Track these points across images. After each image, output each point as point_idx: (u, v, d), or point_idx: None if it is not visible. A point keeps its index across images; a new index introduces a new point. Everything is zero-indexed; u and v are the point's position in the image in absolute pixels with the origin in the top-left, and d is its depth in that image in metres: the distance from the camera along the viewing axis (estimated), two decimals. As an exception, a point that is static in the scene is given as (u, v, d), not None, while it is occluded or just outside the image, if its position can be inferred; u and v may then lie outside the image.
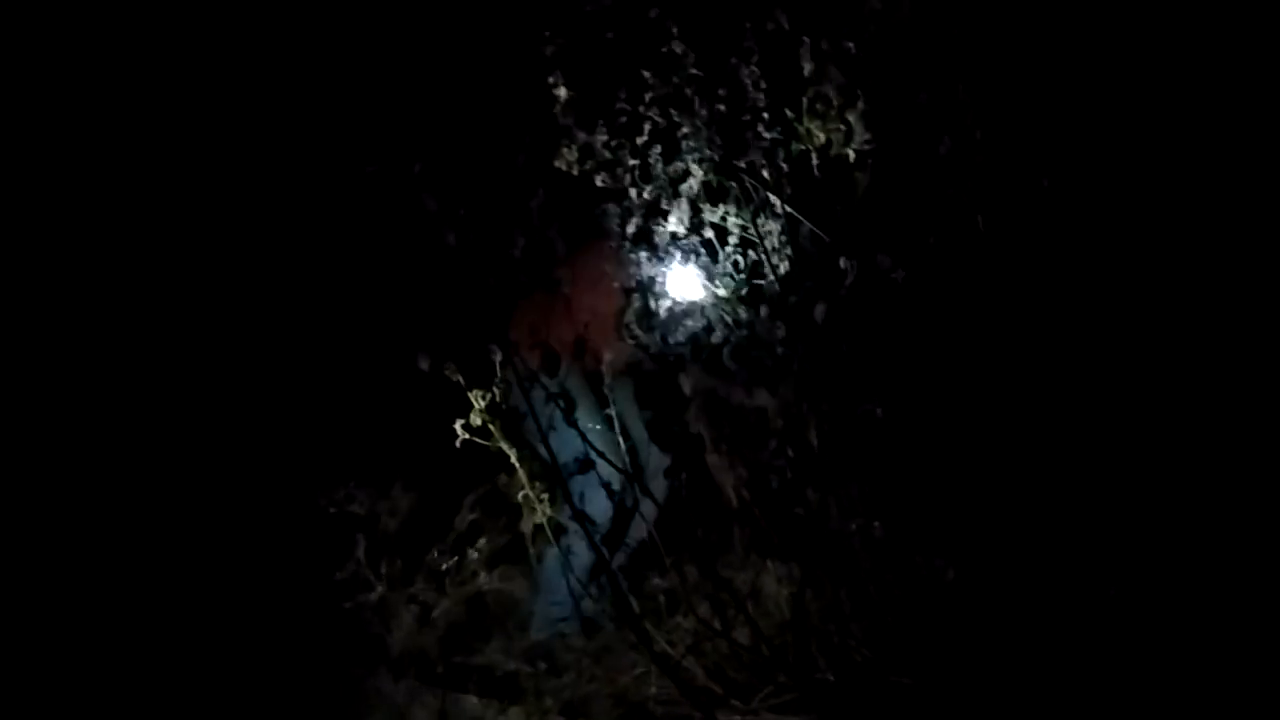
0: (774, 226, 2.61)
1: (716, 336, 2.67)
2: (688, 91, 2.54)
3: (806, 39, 2.52)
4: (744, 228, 2.62)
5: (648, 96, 2.56)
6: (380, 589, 3.09)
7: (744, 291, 2.64)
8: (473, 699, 2.96)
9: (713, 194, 2.62)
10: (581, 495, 2.95)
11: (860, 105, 2.52)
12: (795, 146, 2.59)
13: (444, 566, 3.15)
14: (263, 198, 3.60)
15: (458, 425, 2.61)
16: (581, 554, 3.04)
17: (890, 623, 2.52)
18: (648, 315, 2.70)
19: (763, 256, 2.61)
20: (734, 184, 2.61)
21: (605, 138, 2.60)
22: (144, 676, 3.12)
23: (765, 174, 2.59)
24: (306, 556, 3.17)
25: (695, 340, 2.70)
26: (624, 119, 2.59)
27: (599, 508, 3.01)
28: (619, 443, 3.00)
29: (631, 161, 2.61)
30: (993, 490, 2.50)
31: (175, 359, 3.73)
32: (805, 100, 2.57)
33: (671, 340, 2.70)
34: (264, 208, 3.62)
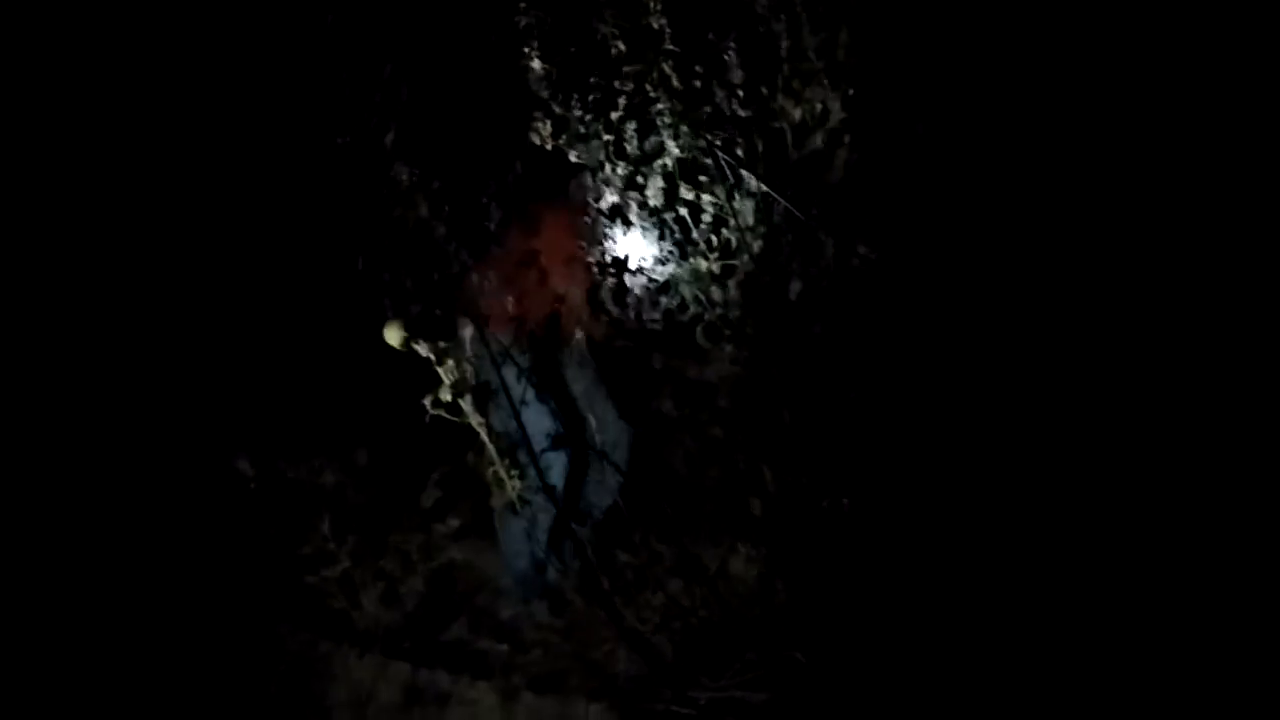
0: (749, 204, 2.60)
1: (688, 314, 2.66)
2: (664, 67, 2.51)
3: (784, 15, 2.51)
4: (718, 205, 2.61)
5: (624, 70, 2.53)
6: (345, 563, 3.06)
7: (717, 269, 2.63)
8: (441, 674, 2.95)
9: (687, 171, 2.60)
10: (547, 468, 2.96)
11: (841, 85, 2.51)
12: (771, 124, 2.57)
13: (412, 542, 3.12)
14: (233, 172, 3.53)
15: (426, 401, 2.58)
16: (544, 524, 3.05)
17: (859, 600, 2.53)
18: (620, 292, 2.69)
19: (736, 235, 2.60)
20: (709, 161, 2.59)
21: (580, 112, 2.57)
22: (105, 652, 3.08)
23: (740, 151, 2.57)
24: (271, 531, 3.14)
25: (667, 317, 2.69)
26: (599, 93, 2.56)
27: (556, 476, 3.02)
28: (585, 417, 3.00)
29: (606, 137, 2.58)
30: (967, 471, 2.52)
31: (138, 333, 3.65)
32: (781, 78, 2.55)
33: (643, 317, 2.69)
34: (234, 182, 3.55)
